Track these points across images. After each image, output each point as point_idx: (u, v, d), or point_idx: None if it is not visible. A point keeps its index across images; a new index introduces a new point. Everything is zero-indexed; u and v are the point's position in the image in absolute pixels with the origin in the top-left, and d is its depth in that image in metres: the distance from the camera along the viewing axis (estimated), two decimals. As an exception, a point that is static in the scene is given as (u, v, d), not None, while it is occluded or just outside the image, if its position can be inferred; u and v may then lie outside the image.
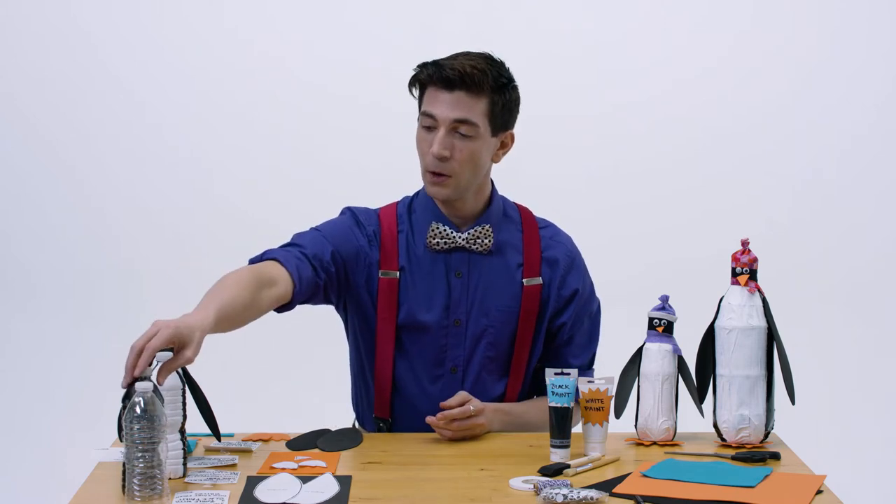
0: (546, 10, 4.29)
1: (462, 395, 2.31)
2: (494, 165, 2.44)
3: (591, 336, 2.53)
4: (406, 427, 2.45)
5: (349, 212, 2.46)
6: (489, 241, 2.40)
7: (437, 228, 2.39)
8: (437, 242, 2.40)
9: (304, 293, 2.32)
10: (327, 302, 2.44)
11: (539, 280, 2.44)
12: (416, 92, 2.38)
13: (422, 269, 2.41)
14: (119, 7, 4.28)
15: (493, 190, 2.46)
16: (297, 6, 4.28)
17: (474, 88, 2.29)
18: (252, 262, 2.34)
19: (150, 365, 2.01)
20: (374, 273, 2.41)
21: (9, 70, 4.28)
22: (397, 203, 2.48)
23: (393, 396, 2.46)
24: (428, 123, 2.33)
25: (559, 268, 2.45)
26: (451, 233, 2.39)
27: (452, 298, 2.41)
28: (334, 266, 2.37)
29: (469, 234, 2.40)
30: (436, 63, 2.32)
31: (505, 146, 2.41)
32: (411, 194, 2.49)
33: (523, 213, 2.50)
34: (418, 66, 2.35)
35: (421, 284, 2.41)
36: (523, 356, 2.45)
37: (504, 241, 2.44)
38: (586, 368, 2.51)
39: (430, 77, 2.31)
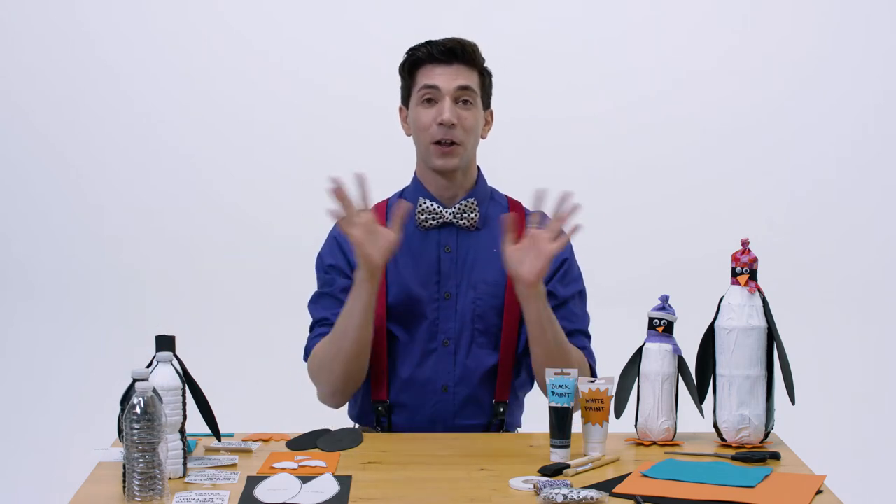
0: (546, 10, 4.29)
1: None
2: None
3: (583, 311, 2.54)
4: (403, 407, 2.47)
5: (332, 239, 2.52)
6: (475, 215, 2.48)
7: (424, 204, 2.47)
8: (426, 218, 2.47)
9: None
10: None
11: None
12: (404, 77, 2.49)
13: (411, 247, 2.47)
14: (119, 7, 4.28)
15: (480, 174, 2.54)
16: (297, 6, 4.28)
17: (469, 60, 2.44)
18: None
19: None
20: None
21: (8, 69, 4.28)
22: (389, 197, 2.56)
23: (389, 376, 2.48)
24: (430, 95, 2.43)
25: None
26: (438, 208, 2.47)
27: (442, 273, 2.47)
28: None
29: (456, 208, 2.47)
30: (429, 42, 2.45)
31: (488, 123, 2.54)
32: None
33: (511, 200, 2.57)
34: (410, 49, 2.47)
35: (411, 261, 2.47)
36: (513, 330, 2.47)
37: (491, 216, 2.50)
38: (584, 335, 2.50)
39: (429, 53, 2.44)
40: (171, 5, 4.28)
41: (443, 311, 2.47)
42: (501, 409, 2.49)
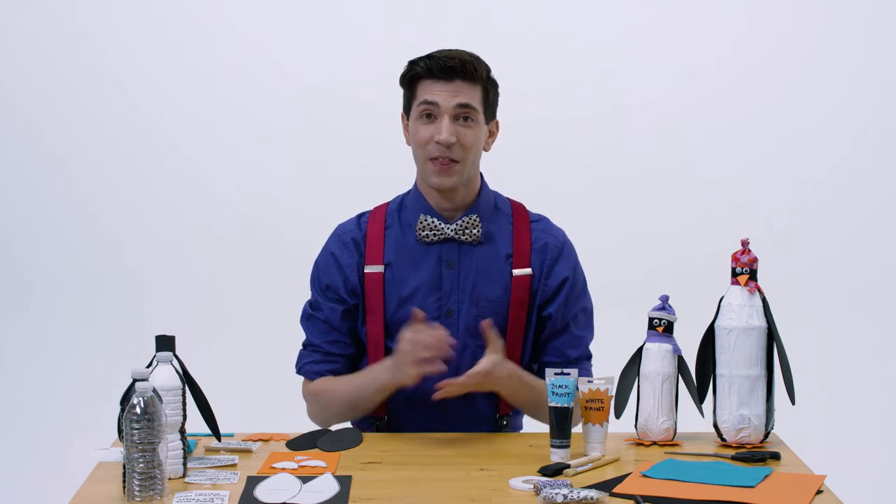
0: (545, 10, 4.29)
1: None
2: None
3: (586, 329, 2.51)
4: (402, 423, 2.45)
5: (330, 255, 2.49)
6: (478, 231, 2.43)
7: (426, 221, 2.43)
8: (427, 235, 2.43)
9: (355, 347, 2.50)
10: None
11: (528, 271, 2.45)
12: (405, 89, 2.44)
13: (412, 262, 2.44)
14: (119, 9, 4.27)
15: (483, 182, 2.49)
16: (297, 7, 4.28)
17: (471, 76, 2.38)
18: (311, 376, 2.51)
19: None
20: (362, 275, 2.45)
21: (8, 69, 4.28)
22: (389, 202, 2.52)
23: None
24: (429, 111, 2.38)
25: (548, 256, 2.46)
26: (440, 224, 2.43)
27: (444, 289, 2.43)
28: (348, 306, 2.47)
29: (458, 224, 2.43)
30: (430, 56, 2.39)
31: (492, 134, 2.48)
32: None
33: (515, 206, 2.52)
34: (411, 62, 2.41)
35: (411, 277, 2.43)
36: (516, 347, 2.45)
37: (494, 232, 2.46)
38: (585, 359, 2.50)
39: (428, 69, 2.37)
40: (171, 6, 4.28)
41: (444, 329, 2.43)
42: (505, 423, 2.48)
